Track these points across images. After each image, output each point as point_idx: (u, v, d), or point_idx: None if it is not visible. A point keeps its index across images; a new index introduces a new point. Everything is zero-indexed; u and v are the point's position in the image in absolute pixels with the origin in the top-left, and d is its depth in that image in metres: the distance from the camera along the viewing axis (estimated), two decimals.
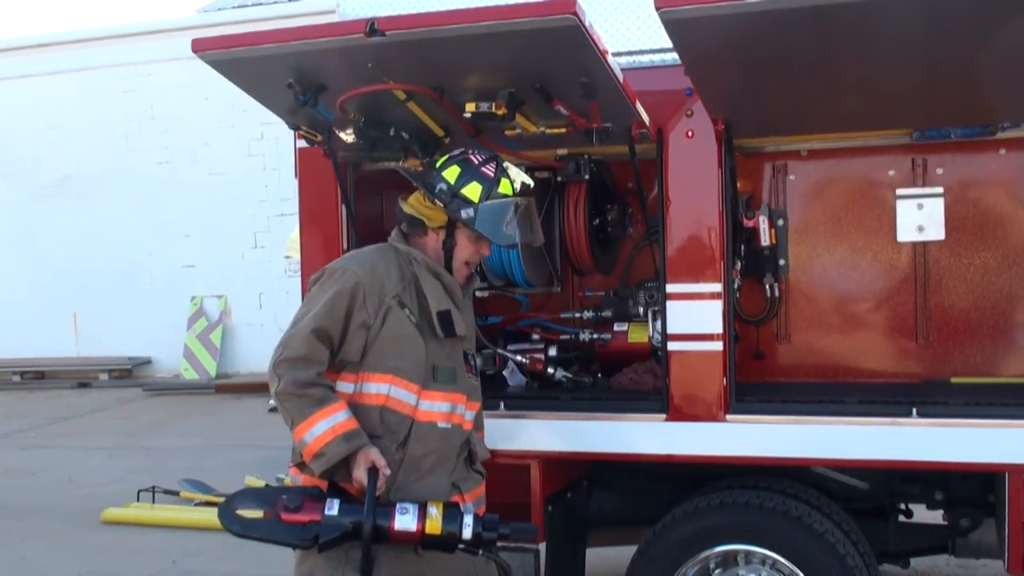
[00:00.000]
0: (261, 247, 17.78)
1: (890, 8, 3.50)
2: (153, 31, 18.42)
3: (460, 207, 3.91)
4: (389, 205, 5.65)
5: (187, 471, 10.21)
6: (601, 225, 5.28)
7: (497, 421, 4.87)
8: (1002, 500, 4.40)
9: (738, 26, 3.69)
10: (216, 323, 18.15)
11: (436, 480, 3.92)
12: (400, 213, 4.09)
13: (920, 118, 4.65)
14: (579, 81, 4.12)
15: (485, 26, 3.89)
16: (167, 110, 18.27)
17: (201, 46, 4.27)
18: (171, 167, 18.34)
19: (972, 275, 5.00)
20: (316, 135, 4.72)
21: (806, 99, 4.38)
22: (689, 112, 4.62)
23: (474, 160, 4.01)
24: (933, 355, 5.06)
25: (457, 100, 4.26)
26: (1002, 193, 4.95)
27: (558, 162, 5.04)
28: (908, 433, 4.37)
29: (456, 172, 3.97)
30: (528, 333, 5.47)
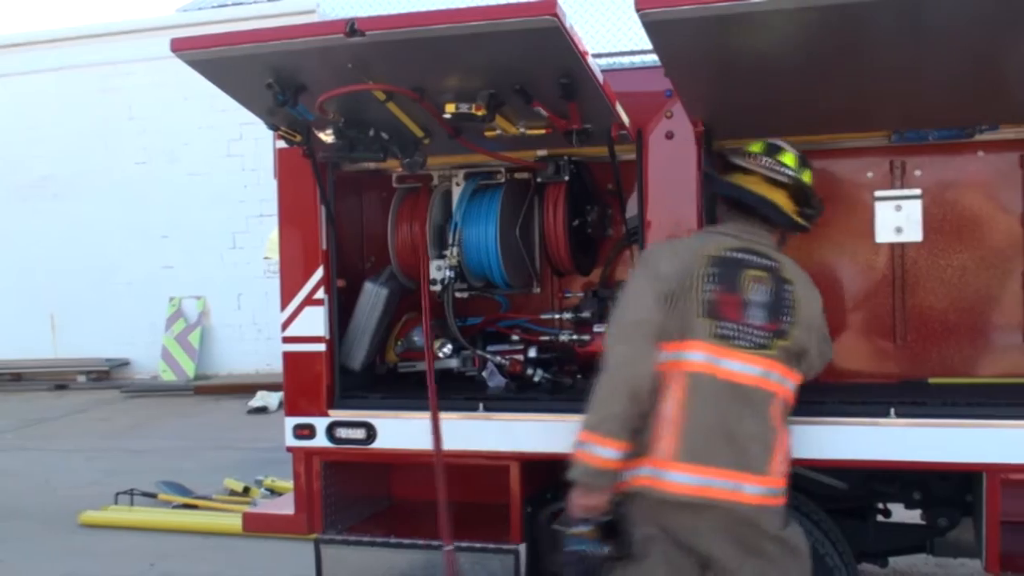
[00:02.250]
0: (240, 248, 17.70)
1: (869, 12, 3.51)
2: (132, 30, 18.31)
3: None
4: (368, 205, 5.65)
5: (165, 473, 10.16)
6: (581, 226, 5.28)
7: (476, 422, 4.88)
8: (979, 499, 4.42)
9: (717, 28, 3.69)
10: (195, 324, 18.07)
11: None
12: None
13: (899, 120, 4.67)
14: (559, 82, 4.13)
15: (465, 27, 3.88)
16: (145, 110, 18.17)
17: (180, 46, 4.25)
18: (149, 167, 18.24)
19: (950, 276, 5.02)
20: (295, 135, 4.70)
21: (785, 101, 4.39)
22: (669, 114, 4.63)
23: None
24: (911, 356, 5.08)
25: (437, 101, 4.26)
26: (980, 195, 4.97)
27: (538, 163, 5.05)
28: (887, 433, 4.39)
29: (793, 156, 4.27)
30: (508, 334, 5.48)
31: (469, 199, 5.19)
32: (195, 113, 17.23)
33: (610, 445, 3.88)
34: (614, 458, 3.89)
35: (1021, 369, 4.93)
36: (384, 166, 5.26)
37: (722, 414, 3.87)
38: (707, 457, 3.83)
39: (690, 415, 3.86)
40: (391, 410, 5.09)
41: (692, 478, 3.83)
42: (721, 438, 3.85)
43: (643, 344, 3.92)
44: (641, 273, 4.09)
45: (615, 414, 3.89)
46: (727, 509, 3.85)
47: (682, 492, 3.83)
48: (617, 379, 3.91)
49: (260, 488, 9.27)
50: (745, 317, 3.94)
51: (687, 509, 3.87)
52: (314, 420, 5.16)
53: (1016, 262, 4.90)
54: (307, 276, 5.17)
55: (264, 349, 16.90)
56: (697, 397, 3.87)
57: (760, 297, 3.99)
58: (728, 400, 3.88)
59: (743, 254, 4.06)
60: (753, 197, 4.13)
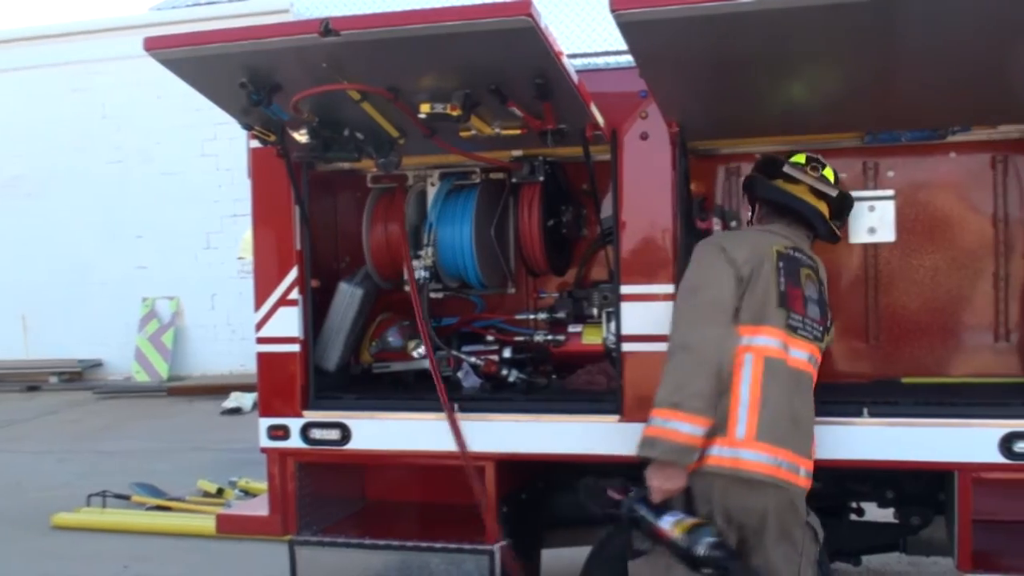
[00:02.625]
0: (214, 248, 17.62)
1: (841, 14, 3.52)
2: (104, 29, 18.20)
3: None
4: (342, 205, 5.64)
5: (139, 475, 10.11)
6: (555, 226, 5.28)
7: None
8: (951, 498, 4.46)
9: (692, 29, 3.70)
10: (168, 325, 17.98)
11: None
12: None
13: (872, 121, 4.69)
14: (534, 82, 4.13)
15: (440, 27, 3.88)
16: (119, 109, 18.06)
17: (153, 44, 4.23)
18: (123, 167, 18.13)
19: (922, 276, 5.05)
20: (270, 135, 4.69)
21: (759, 102, 4.41)
22: (643, 114, 4.63)
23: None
24: (884, 355, 5.11)
25: (412, 101, 4.25)
26: (951, 196, 5.00)
27: (513, 163, 5.05)
28: (860, 433, 4.42)
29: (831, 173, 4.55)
30: (482, 334, 5.48)
31: (444, 199, 5.19)
32: (169, 112, 17.12)
33: (695, 422, 3.95)
34: (698, 435, 3.95)
35: (992, 369, 4.97)
36: (359, 166, 5.25)
37: (790, 398, 4.07)
38: (780, 439, 4.00)
39: (766, 398, 4.01)
40: (366, 411, 5.08)
41: (767, 457, 3.98)
42: (789, 421, 4.05)
43: (727, 324, 4.05)
44: (716, 257, 4.17)
45: (700, 391, 3.96)
46: (785, 490, 4.02)
47: (757, 470, 3.97)
48: (702, 357, 4.00)
49: (234, 489, 9.24)
50: (806, 311, 4.20)
51: (751, 488, 3.99)
52: (288, 421, 5.14)
53: (987, 262, 4.94)
54: (281, 276, 5.15)
55: (238, 350, 16.81)
56: (773, 381, 4.03)
57: (814, 294, 4.28)
58: (794, 386, 4.10)
59: (798, 253, 4.32)
60: (805, 205, 4.41)
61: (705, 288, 4.12)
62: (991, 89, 4.18)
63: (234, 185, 16.70)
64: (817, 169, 4.46)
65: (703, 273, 4.17)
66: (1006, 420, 4.27)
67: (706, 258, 4.21)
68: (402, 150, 4.70)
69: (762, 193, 4.53)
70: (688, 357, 4.01)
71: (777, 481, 3.99)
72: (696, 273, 4.19)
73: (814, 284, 4.32)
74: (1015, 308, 4.92)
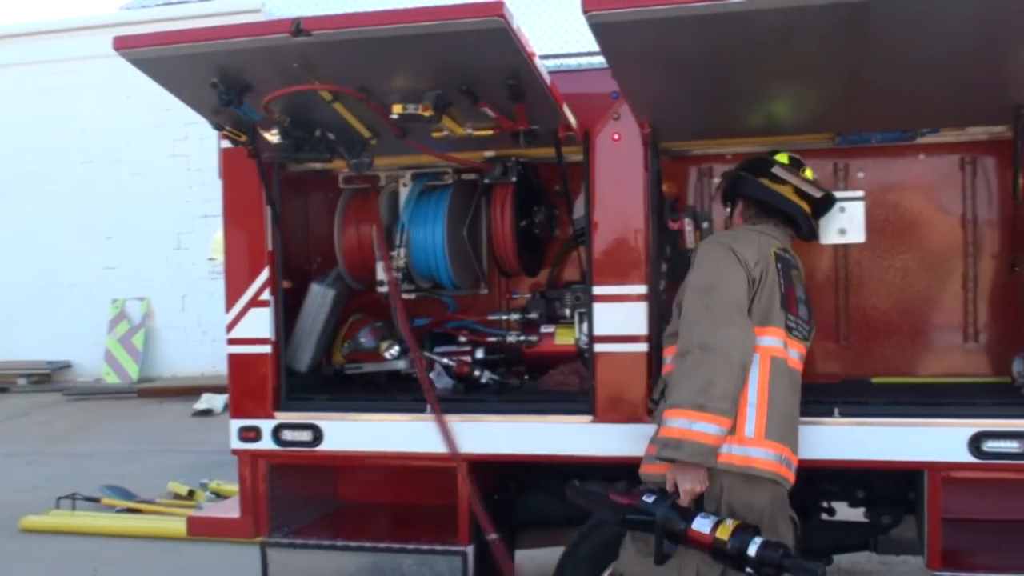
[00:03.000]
0: (185, 249, 17.51)
1: (811, 16, 3.54)
2: (73, 28, 18.06)
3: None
4: (314, 206, 5.62)
5: (109, 477, 10.03)
6: (528, 227, 5.29)
7: (424, 424, 4.87)
8: (921, 497, 4.49)
9: (664, 30, 3.71)
10: (138, 326, 17.86)
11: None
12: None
13: (842, 123, 4.72)
14: (506, 83, 4.13)
15: (412, 27, 3.87)
16: (88, 109, 17.92)
17: (123, 44, 4.20)
18: (92, 167, 17.99)
19: (892, 277, 5.09)
20: (240, 135, 4.67)
21: (730, 103, 4.43)
22: (616, 115, 4.64)
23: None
24: (854, 355, 5.14)
25: (384, 101, 4.25)
26: (921, 197, 5.04)
27: (485, 164, 5.05)
28: (830, 433, 4.44)
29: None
30: (455, 335, 5.48)
31: (416, 200, 5.18)
32: (139, 112, 17.01)
33: (722, 423, 3.92)
34: (722, 436, 3.94)
35: (962, 369, 5.01)
36: (331, 167, 5.24)
37: (789, 396, 4.16)
38: (783, 436, 4.08)
39: (773, 396, 4.07)
40: (338, 412, 5.06)
41: (775, 455, 4.04)
42: (790, 419, 4.15)
43: (747, 325, 4.06)
44: (727, 257, 4.15)
45: (726, 393, 3.93)
46: (782, 485, 4.10)
47: (765, 467, 4.02)
48: (727, 358, 3.95)
49: (205, 491, 9.19)
50: (799, 311, 4.29)
51: (754, 484, 4.03)
52: (260, 422, 5.12)
53: (956, 263, 4.98)
54: (252, 277, 5.13)
55: (209, 351, 16.71)
56: (778, 380, 4.10)
57: (802, 295, 4.39)
58: (792, 385, 4.19)
59: (787, 254, 4.38)
60: (793, 206, 4.45)
61: (721, 288, 4.08)
62: (959, 92, 4.21)
63: (205, 185, 16.62)
64: (801, 170, 4.51)
65: (716, 273, 4.13)
66: (975, 420, 4.31)
67: (717, 258, 4.18)
68: (374, 151, 4.70)
69: (752, 193, 4.51)
70: (710, 358, 3.94)
71: (778, 477, 4.06)
72: (709, 273, 4.15)
73: (801, 284, 4.41)
74: (984, 308, 4.96)
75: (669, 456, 3.94)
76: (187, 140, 16.97)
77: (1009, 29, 3.66)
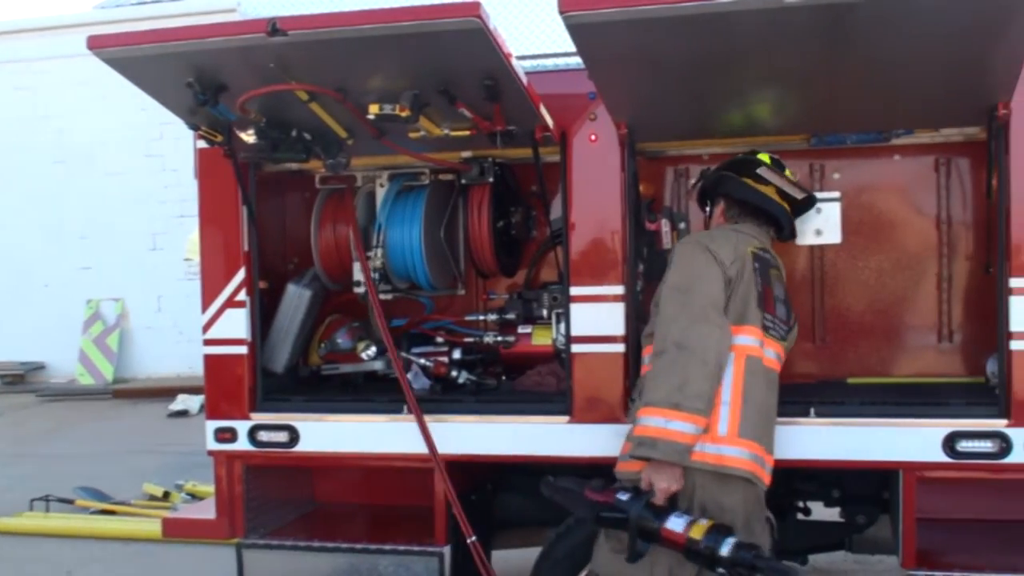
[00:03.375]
0: (160, 249, 17.46)
1: (788, 17, 3.55)
2: (48, 27, 17.97)
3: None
4: (290, 206, 5.61)
5: (83, 479, 9.98)
6: (505, 228, 5.29)
7: (400, 424, 4.86)
8: (896, 497, 4.51)
9: (641, 31, 3.72)
10: (113, 327, 17.78)
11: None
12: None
13: (817, 124, 4.73)
14: (483, 84, 4.13)
15: (388, 27, 3.86)
16: (62, 109, 17.84)
17: (97, 43, 4.17)
18: (66, 167, 17.91)
19: (867, 278, 5.11)
20: (216, 135, 4.65)
21: (707, 105, 4.44)
22: (592, 116, 4.64)
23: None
24: (830, 356, 5.15)
25: (360, 101, 4.23)
26: (896, 198, 5.06)
27: (462, 165, 5.04)
28: (806, 432, 4.45)
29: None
30: (432, 336, 5.47)
31: (393, 200, 5.17)
32: (114, 112, 16.95)
33: (697, 422, 3.92)
34: (697, 435, 3.95)
35: (936, 369, 5.03)
36: (307, 167, 5.22)
37: (766, 396, 4.14)
38: (758, 435, 4.07)
39: (748, 395, 4.06)
40: (314, 413, 5.05)
41: (748, 453, 4.02)
42: (766, 419, 4.14)
43: (724, 324, 4.05)
44: (703, 256, 4.16)
45: (702, 392, 3.93)
46: (755, 485, 4.07)
47: (738, 466, 4.00)
48: (704, 357, 3.95)
49: (180, 493, 9.16)
50: (776, 311, 4.29)
51: (726, 483, 4.01)
52: (236, 423, 5.10)
53: (931, 264, 5.00)
54: (228, 278, 5.11)
55: (185, 352, 16.64)
56: (753, 379, 4.09)
57: (781, 294, 4.39)
58: (768, 384, 4.17)
59: (766, 253, 4.39)
60: (776, 206, 4.48)
61: (697, 288, 4.08)
62: (934, 93, 4.23)
63: (180, 186, 16.58)
64: (784, 171, 4.53)
65: (692, 272, 4.14)
66: (949, 420, 4.33)
67: (693, 258, 4.18)
68: (351, 151, 4.69)
69: (736, 192, 4.50)
70: (686, 357, 3.94)
71: (752, 476, 4.04)
72: (685, 272, 4.15)
73: (781, 284, 4.43)
74: (958, 309, 4.99)
75: (644, 455, 3.95)
76: (162, 140, 16.92)
77: (983, 31, 3.68)
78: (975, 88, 4.14)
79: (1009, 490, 4.63)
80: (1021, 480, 4.43)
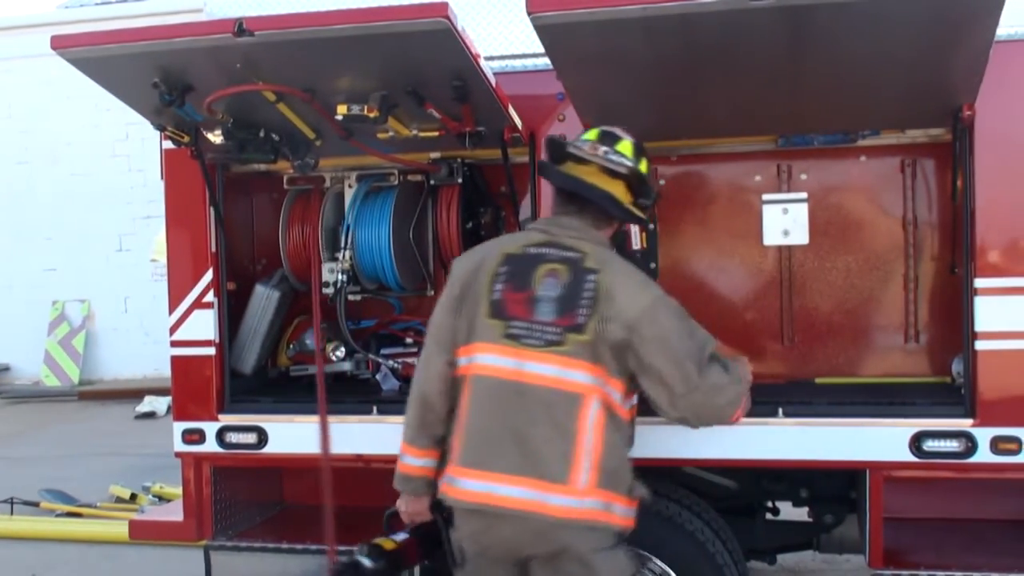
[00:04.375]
0: (127, 250, 17.35)
1: (752, 19, 3.57)
2: (11, 27, 17.80)
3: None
4: (258, 207, 5.58)
5: (48, 481, 9.88)
6: (474, 228, 5.28)
7: (370, 426, 4.85)
8: (863, 496, 4.54)
9: (608, 32, 3.73)
10: (79, 328, 17.64)
11: None
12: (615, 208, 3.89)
13: (785, 125, 4.75)
14: (451, 84, 4.13)
15: (356, 28, 3.86)
16: (26, 109, 17.69)
17: (61, 43, 4.14)
18: (30, 167, 17.75)
19: (834, 278, 5.13)
20: (183, 136, 4.63)
21: (675, 105, 4.45)
22: (561, 117, 4.65)
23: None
24: (798, 356, 5.17)
25: (328, 102, 4.22)
26: (862, 199, 5.09)
27: (431, 165, 5.04)
28: (775, 432, 4.47)
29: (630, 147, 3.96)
30: (401, 337, 5.45)
31: (362, 201, 5.16)
32: (79, 112, 16.81)
33: (409, 451, 4.01)
34: (417, 464, 4.00)
35: (903, 369, 5.06)
36: (275, 167, 5.18)
37: (510, 417, 3.64)
38: (490, 462, 3.64)
39: (471, 419, 3.72)
40: (283, 414, 5.03)
41: (477, 484, 3.65)
42: (509, 442, 3.62)
43: (432, 349, 3.94)
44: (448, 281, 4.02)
45: (409, 420, 4.01)
46: (523, 519, 3.58)
47: (468, 499, 3.68)
48: (412, 386, 4.01)
49: (148, 495, 9.09)
50: (535, 314, 3.68)
51: (482, 517, 3.68)
52: (204, 425, 5.08)
53: (898, 264, 5.03)
54: (196, 279, 5.08)
55: (152, 353, 16.51)
56: (479, 400, 3.72)
57: (552, 292, 3.70)
58: (518, 403, 3.64)
59: (545, 248, 3.79)
60: (591, 189, 3.82)
61: (431, 318, 4.02)
62: (899, 95, 4.26)
63: (147, 186, 16.47)
64: (610, 143, 3.88)
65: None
66: (916, 419, 4.36)
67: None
68: (319, 151, 4.67)
69: (549, 179, 4.01)
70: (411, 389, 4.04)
71: (495, 510, 3.61)
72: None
73: (560, 279, 3.71)
74: (924, 309, 5.02)
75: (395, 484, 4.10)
76: (128, 140, 16.81)
77: (948, 33, 3.71)
78: (939, 90, 4.17)
79: (975, 489, 4.67)
80: (986, 479, 4.47)
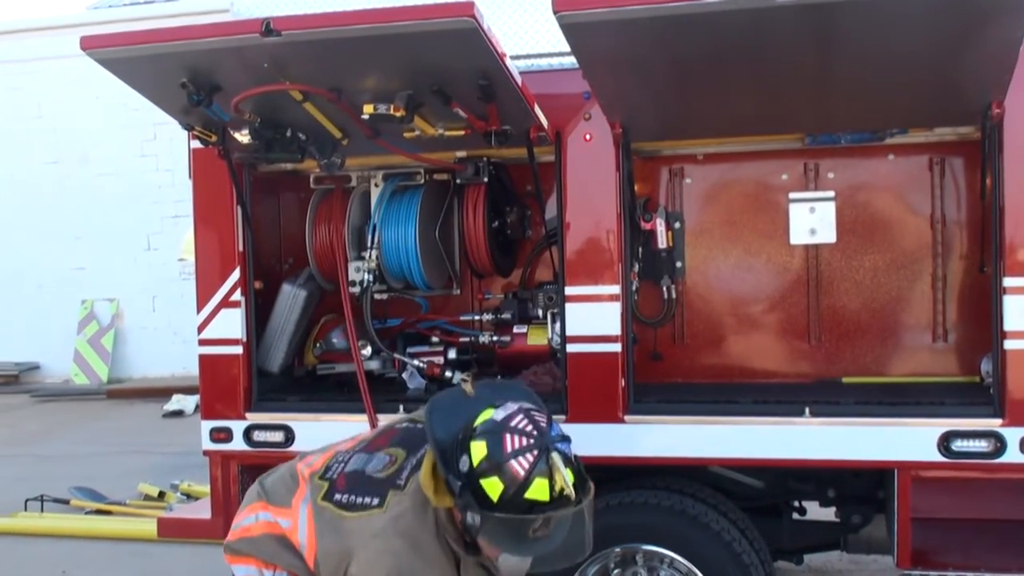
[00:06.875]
0: (155, 249, 17.45)
1: (780, 16, 3.55)
2: (41, 28, 17.94)
3: (468, 505, 3.16)
4: (285, 206, 5.60)
5: (78, 479, 9.95)
6: (500, 228, 5.28)
7: None
8: (891, 496, 4.51)
9: (635, 31, 3.72)
10: (108, 327, 17.76)
11: None
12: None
13: (812, 123, 4.73)
14: (477, 84, 4.12)
15: (382, 28, 3.86)
16: (55, 109, 17.82)
17: (91, 44, 4.16)
18: (60, 168, 17.88)
19: (862, 277, 5.11)
20: (210, 135, 4.65)
21: (701, 104, 4.43)
22: (587, 116, 4.64)
23: (508, 445, 3.17)
24: (825, 355, 5.15)
25: (355, 101, 4.23)
26: (890, 197, 5.06)
27: (457, 164, 5.04)
28: (801, 432, 4.45)
29: (483, 452, 3.19)
30: (427, 336, 5.46)
31: (388, 200, 5.17)
32: (107, 112, 16.93)
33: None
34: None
35: (931, 368, 5.03)
36: (302, 167, 5.21)
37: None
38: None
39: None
40: (310, 413, 5.04)
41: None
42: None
43: None
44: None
45: None
46: None
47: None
48: None
49: (176, 493, 9.13)
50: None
51: None
52: (231, 423, 5.10)
53: (926, 263, 5.00)
54: (223, 278, 5.10)
55: (180, 352, 16.62)
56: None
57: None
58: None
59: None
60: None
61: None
62: (927, 92, 4.23)
63: (175, 186, 16.57)
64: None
65: None
66: (944, 419, 4.34)
67: None
68: (345, 151, 4.68)
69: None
70: None
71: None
72: None
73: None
74: (953, 308, 4.99)
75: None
76: (156, 140, 16.90)
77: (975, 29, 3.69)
78: (968, 87, 4.14)
79: (1004, 489, 4.64)
80: (1015, 479, 4.44)
